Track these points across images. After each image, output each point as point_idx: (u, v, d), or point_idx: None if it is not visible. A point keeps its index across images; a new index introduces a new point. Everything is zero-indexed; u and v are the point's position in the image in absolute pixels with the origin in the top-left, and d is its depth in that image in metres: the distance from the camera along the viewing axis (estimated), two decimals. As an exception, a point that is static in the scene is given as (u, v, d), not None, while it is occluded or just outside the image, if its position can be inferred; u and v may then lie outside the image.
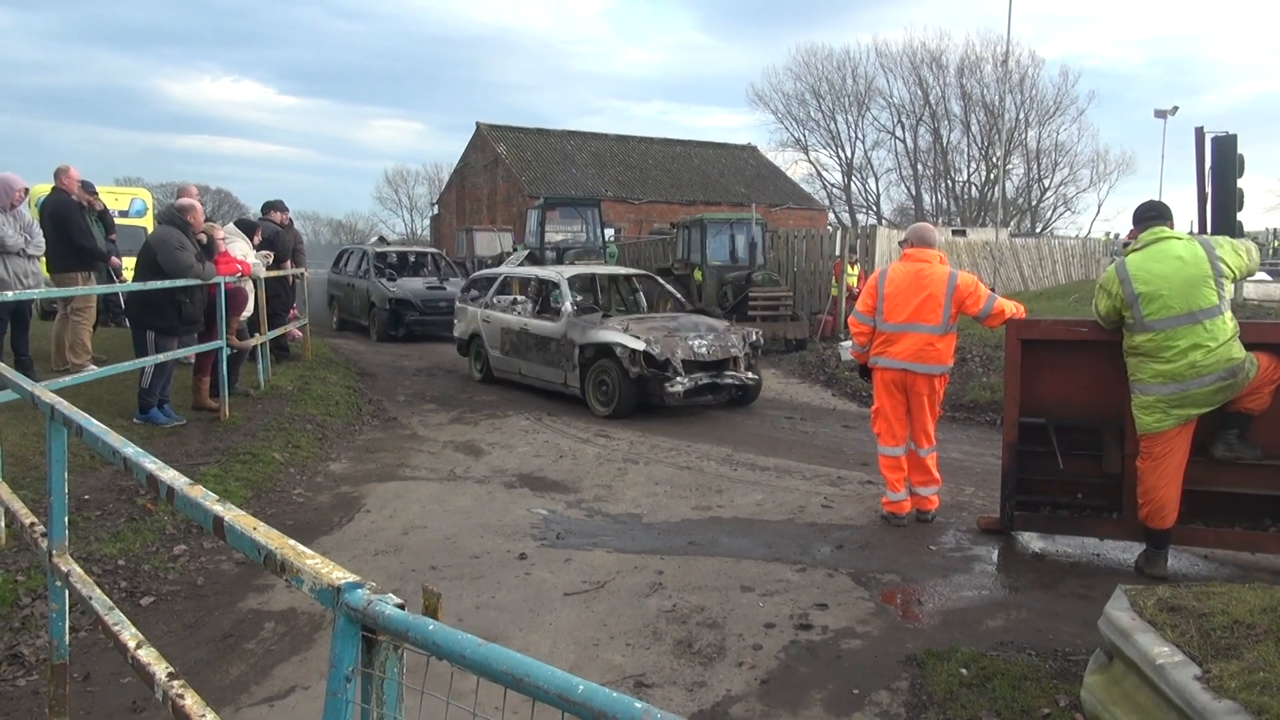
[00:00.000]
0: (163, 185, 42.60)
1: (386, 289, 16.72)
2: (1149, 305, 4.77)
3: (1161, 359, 4.78)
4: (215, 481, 6.17)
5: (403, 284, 17.03)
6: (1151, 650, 2.99)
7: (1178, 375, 4.73)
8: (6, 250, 7.59)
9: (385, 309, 16.55)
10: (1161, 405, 4.81)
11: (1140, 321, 4.81)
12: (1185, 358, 4.71)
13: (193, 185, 10.71)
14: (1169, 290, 4.74)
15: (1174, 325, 4.73)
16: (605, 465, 7.53)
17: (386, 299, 16.52)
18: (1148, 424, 4.86)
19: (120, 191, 16.87)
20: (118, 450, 2.41)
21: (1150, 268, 4.81)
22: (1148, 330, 4.79)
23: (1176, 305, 4.72)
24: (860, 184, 55.29)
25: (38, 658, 3.76)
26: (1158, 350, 4.78)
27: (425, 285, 17.29)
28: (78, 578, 2.88)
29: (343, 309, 18.83)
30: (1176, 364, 4.73)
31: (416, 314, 16.49)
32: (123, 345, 9.61)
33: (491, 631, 4.20)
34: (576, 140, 38.37)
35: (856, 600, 4.69)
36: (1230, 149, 12.90)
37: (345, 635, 1.51)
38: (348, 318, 18.58)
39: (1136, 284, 4.81)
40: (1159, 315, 4.76)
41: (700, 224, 16.69)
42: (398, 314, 16.57)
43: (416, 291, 16.86)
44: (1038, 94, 50.73)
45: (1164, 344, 4.76)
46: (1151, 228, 4.96)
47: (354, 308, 18.13)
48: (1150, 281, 4.78)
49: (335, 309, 19.26)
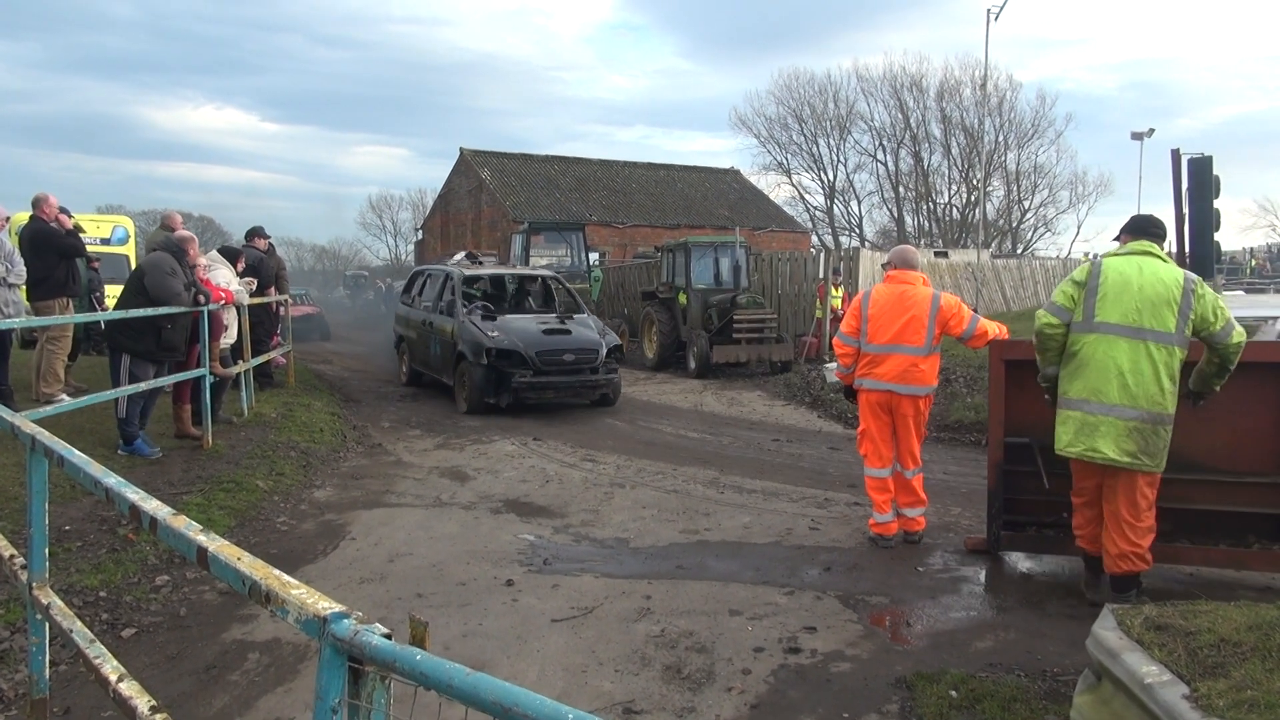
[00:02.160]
0: (145, 213, 42.55)
1: (482, 334, 11.25)
2: (1104, 305, 4.57)
3: (1092, 367, 4.57)
4: (199, 510, 6.11)
5: (507, 325, 11.61)
6: (1140, 670, 2.99)
7: (1102, 393, 4.54)
8: None
9: (480, 364, 11.05)
10: (1073, 422, 4.63)
11: (1088, 320, 4.60)
12: (1115, 377, 4.51)
13: (177, 213, 10.67)
14: (1129, 298, 4.53)
15: (1118, 334, 4.53)
16: (592, 489, 7.51)
17: (483, 349, 11.04)
18: (1060, 438, 4.73)
19: (102, 219, 16.83)
20: (100, 481, 2.39)
21: (1125, 271, 4.61)
22: (1092, 331, 4.59)
23: (1130, 316, 4.52)
24: (843, 206, 55.67)
25: (17, 693, 3.70)
26: (1090, 358, 4.59)
27: (540, 328, 11.70)
28: (58, 610, 2.84)
29: (416, 356, 13.52)
30: (1105, 379, 4.53)
31: (529, 374, 11.01)
32: (104, 373, 9.54)
33: (479, 659, 4.16)
34: (560, 165, 38.55)
35: (845, 623, 4.67)
36: (1206, 170, 13.07)
37: (332, 666, 1.50)
38: (424, 370, 13.29)
39: (1105, 281, 4.62)
40: (1108, 318, 4.56)
41: (685, 247, 16.77)
42: (500, 373, 11.13)
43: (529, 338, 11.29)
44: (1016, 117, 51.32)
45: (1102, 353, 4.55)
46: (1143, 241, 4.74)
47: (433, 357, 12.69)
48: (1119, 284, 4.58)
49: (405, 355, 14.14)
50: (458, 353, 11.66)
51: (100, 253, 13.50)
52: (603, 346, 11.66)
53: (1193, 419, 5.07)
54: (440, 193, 41.52)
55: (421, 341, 13.26)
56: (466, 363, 11.46)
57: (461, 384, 11.72)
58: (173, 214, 10.57)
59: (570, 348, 11.43)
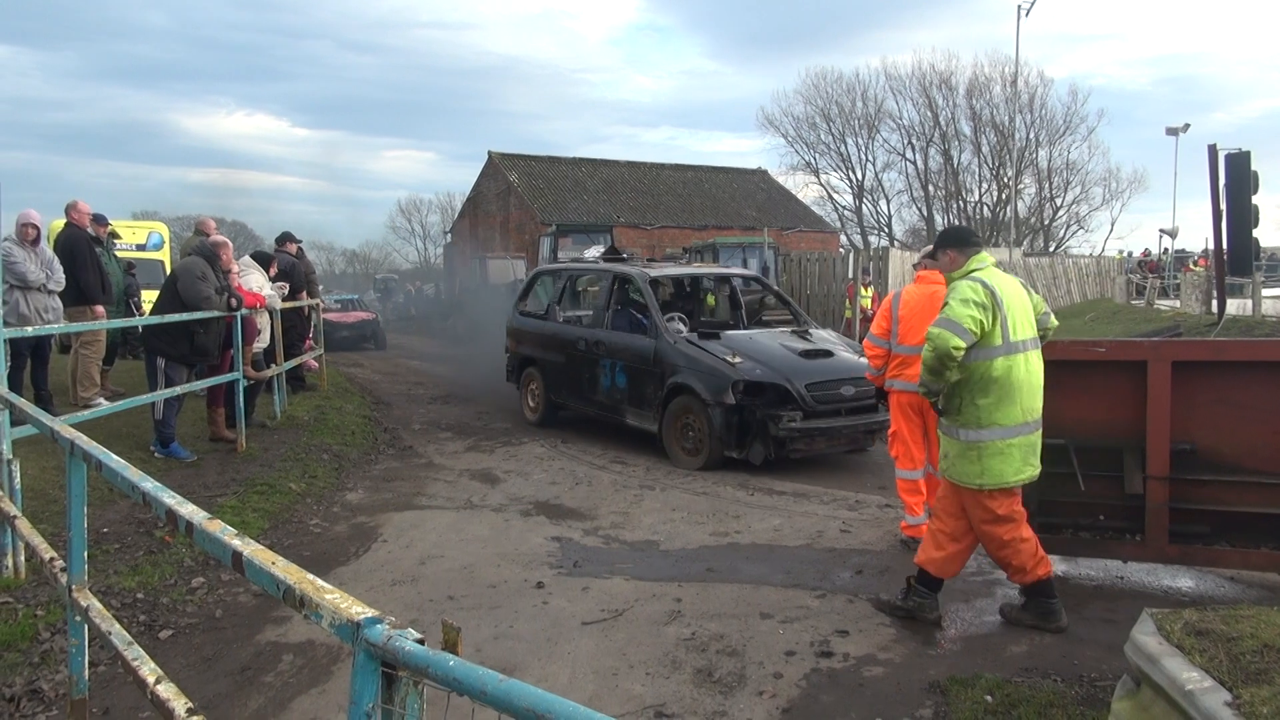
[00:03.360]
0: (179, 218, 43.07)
1: (720, 361, 8.22)
2: (1014, 324, 4.39)
3: (1024, 389, 4.39)
4: (233, 513, 6.18)
5: (743, 346, 8.54)
6: (1180, 676, 2.94)
7: (1034, 409, 4.43)
8: (28, 285, 7.69)
9: (722, 404, 8.02)
10: (1018, 450, 4.40)
11: (1008, 342, 4.36)
12: (1038, 392, 4.44)
13: (210, 219, 10.81)
14: (1020, 312, 4.44)
15: (1031, 349, 4.45)
16: (622, 492, 7.51)
17: (729, 384, 8.02)
18: (1004, 473, 4.39)
19: (138, 225, 17.07)
20: (137, 485, 2.42)
21: (1006, 285, 4.44)
22: (1014, 352, 4.37)
23: (1029, 329, 4.47)
24: (871, 206, 55.41)
25: (57, 693, 3.76)
26: (1020, 379, 4.38)
27: (790, 348, 8.63)
28: (97, 612, 2.88)
29: (562, 386, 10.24)
30: (1034, 396, 4.42)
31: (798, 416, 7.89)
32: (140, 378, 9.68)
33: (510, 662, 4.17)
34: (588, 167, 38.64)
35: (878, 626, 4.63)
36: (1244, 166, 12.84)
37: (365, 671, 1.50)
38: (576, 404, 10.14)
39: (1005, 300, 4.37)
40: (1023, 336, 4.42)
41: (713, 248, 16.79)
42: (746, 415, 8.03)
43: (787, 365, 8.23)
44: (1047, 113, 50.87)
45: (1025, 371, 4.40)
46: (983, 253, 4.59)
47: (604, 391, 9.48)
48: (1013, 299, 4.43)
49: (534, 384, 10.77)
50: (671, 386, 8.44)
51: (136, 258, 13.73)
52: None
53: (1232, 421, 4.99)
54: (469, 196, 41.76)
55: (577, 367, 9.85)
56: (690, 400, 8.30)
57: (678, 432, 8.46)
58: (206, 219, 10.71)
59: (844, 376, 8.19)
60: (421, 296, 42.08)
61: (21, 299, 7.67)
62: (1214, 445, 5.04)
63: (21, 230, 7.76)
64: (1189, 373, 5.05)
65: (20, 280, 7.61)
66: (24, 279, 7.61)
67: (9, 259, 7.51)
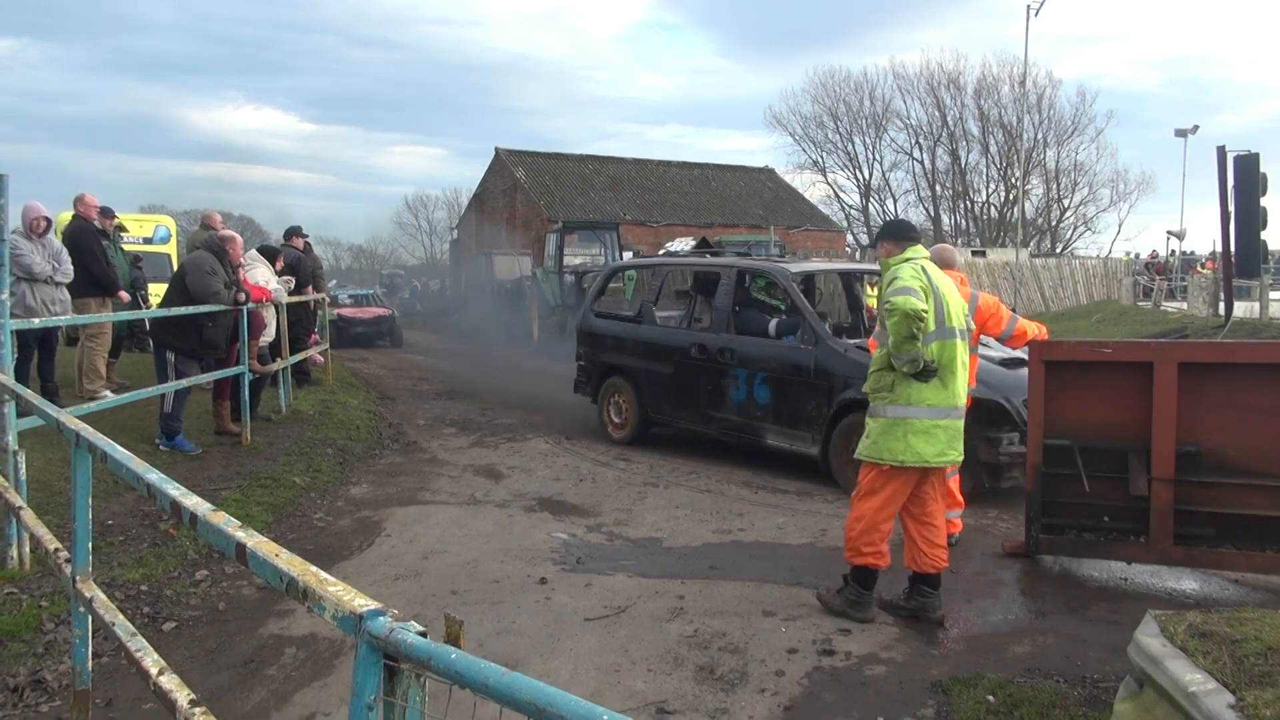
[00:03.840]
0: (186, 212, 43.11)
1: None
2: (947, 310, 4.61)
3: (951, 372, 4.56)
4: (237, 506, 6.19)
5: None
6: (1184, 678, 2.93)
7: (959, 395, 4.59)
8: (35, 278, 7.70)
9: None
10: (942, 433, 4.53)
11: (941, 326, 4.58)
12: (962, 380, 4.62)
13: (217, 213, 10.83)
14: (954, 303, 4.67)
15: (958, 337, 4.62)
16: (625, 489, 7.51)
17: None
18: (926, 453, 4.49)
19: (145, 219, 17.12)
20: (141, 477, 2.42)
21: (938, 276, 4.71)
22: (944, 337, 4.58)
23: (959, 319, 4.66)
24: (878, 205, 55.20)
25: (60, 683, 3.77)
26: (947, 363, 4.56)
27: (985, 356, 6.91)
28: (101, 603, 2.89)
29: (665, 400, 8.98)
30: (959, 384, 4.59)
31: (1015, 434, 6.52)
32: (146, 370, 9.70)
33: (512, 657, 4.18)
34: (595, 164, 38.63)
35: (880, 625, 4.63)
36: (1253, 168, 12.80)
37: (368, 664, 1.50)
38: (684, 421, 8.89)
39: (939, 288, 4.63)
40: (954, 324, 4.62)
41: (719, 247, 16.74)
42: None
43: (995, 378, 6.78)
44: (1055, 114, 50.66)
45: (950, 356, 4.57)
46: (918, 246, 4.79)
47: (741, 403, 8.17)
48: (946, 289, 4.68)
49: (621, 396, 9.49)
50: (844, 403, 7.21)
51: (143, 251, 13.75)
52: None
53: (1238, 423, 4.98)
54: (475, 192, 41.79)
55: (690, 378, 8.62)
56: None
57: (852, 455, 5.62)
58: (213, 213, 10.73)
59: None
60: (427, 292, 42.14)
61: (29, 290, 7.68)
62: (1219, 447, 5.02)
63: (32, 222, 7.77)
64: (1195, 374, 5.03)
65: (26, 272, 7.62)
66: (30, 271, 7.63)
67: (14, 251, 7.53)
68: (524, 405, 11.64)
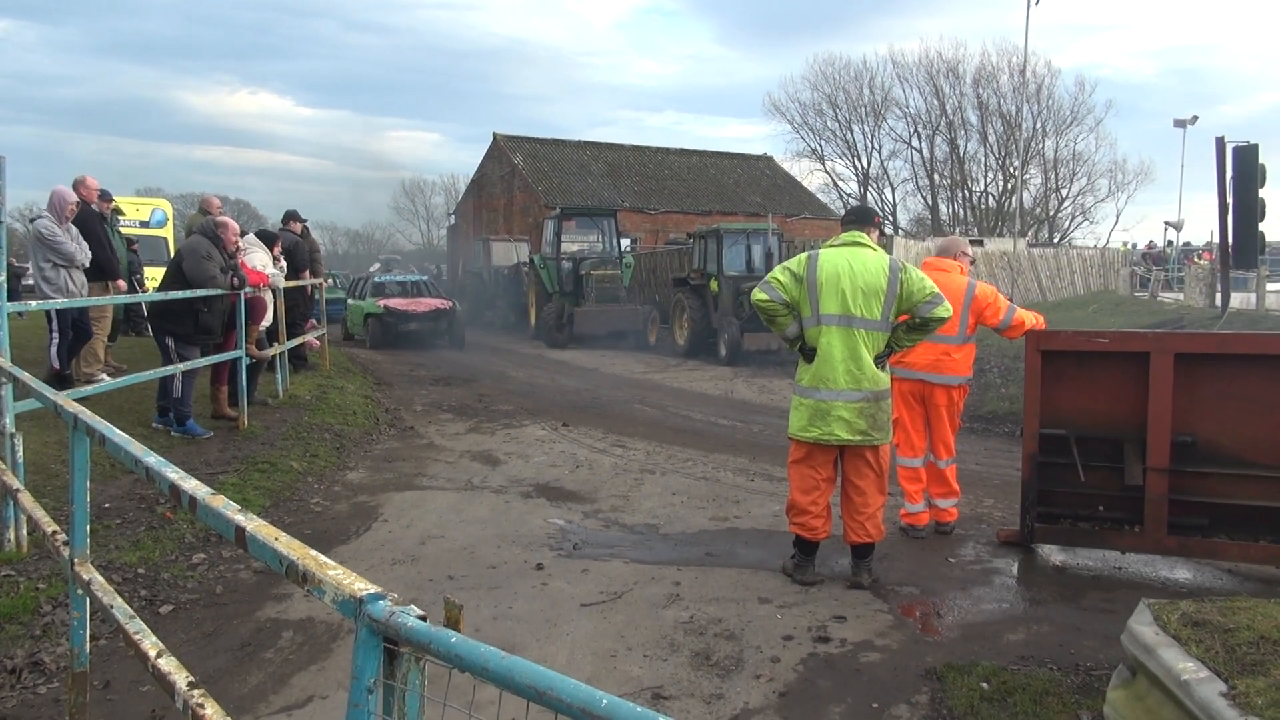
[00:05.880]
0: (183, 196, 43.00)
1: None
2: (824, 299, 4.81)
3: (820, 357, 4.83)
4: (234, 490, 6.20)
5: None
6: (1176, 666, 2.95)
7: (829, 380, 4.80)
8: (73, 264, 7.72)
9: None
10: (806, 410, 4.89)
11: (815, 314, 4.84)
12: (840, 364, 4.78)
13: (214, 197, 10.79)
14: (847, 289, 4.79)
15: (837, 324, 4.79)
16: (622, 475, 7.52)
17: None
18: (793, 427, 4.99)
19: (141, 202, 17.06)
20: (140, 460, 2.42)
21: (837, 263, 4.86)
22: (819, 324, 4.84)
23: (845, 306, 4.79)
24: (876, 194, 55.13)
25: (58, 665, 3.78)
26: (819, 349, 4.85)
27: None
28: (99, 586, 2.89)
29: None
30: (831, 368, 4.79)
31: None
32: (143, 354, 9.69)
33: (509, 642, 4.19)
34: (593, 151, 38.51)
35: (875, 613, 4.65)
36: (1252, 159, 12.78)
37: (367, 647, 1.51)
38: None
39: (821, 273, 4.84)
40: (830, 311, 4.81)
41: (716, 234, 16.70)
42: None
43: None
44: (1054, 104, 50.51)
45: (825, 343, 4.82)
46: (853, 232, 5.03)
47: None
48: (832, 277, 4.82)
49: None
50: None
51: (139, 235, 13.71)
52: None
53: (1234, 414, 4.99)
54: (473, 178, 41.65)
55: None
56: None
57: None
58: (210, 198, 10.69)
59: None
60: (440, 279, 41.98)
61: (68, 277, 7.71)
62: (1215, 438, 5.04)
63: (67, 209, 7.71)
64: (1191, 365, 5.04)
65: (68, 260, 7.64)
66: (71, 258, 7.66)
67: (53, 239, 7.53)
68: (521, 391, 11.63)
